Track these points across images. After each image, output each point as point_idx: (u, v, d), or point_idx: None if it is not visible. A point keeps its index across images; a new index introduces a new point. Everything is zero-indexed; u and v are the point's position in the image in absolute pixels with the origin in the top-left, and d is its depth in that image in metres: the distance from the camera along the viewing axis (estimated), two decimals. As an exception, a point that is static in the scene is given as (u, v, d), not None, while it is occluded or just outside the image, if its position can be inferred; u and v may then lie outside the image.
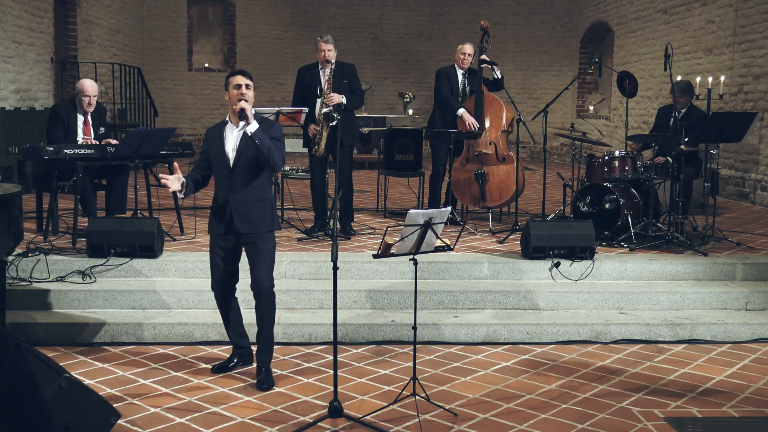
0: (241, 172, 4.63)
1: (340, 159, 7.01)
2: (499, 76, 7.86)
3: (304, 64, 7.57)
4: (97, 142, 6.99)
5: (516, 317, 5.73)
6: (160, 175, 4.63)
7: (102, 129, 7.17)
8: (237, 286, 4.90)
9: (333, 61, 6.97)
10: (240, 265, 4.83)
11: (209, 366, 4.96)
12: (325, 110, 6.78)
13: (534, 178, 12.08)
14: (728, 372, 5.02)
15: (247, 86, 4.63)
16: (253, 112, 4.63)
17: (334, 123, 6.80)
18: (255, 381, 4.70)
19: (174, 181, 4.61)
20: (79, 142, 6.95)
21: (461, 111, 7.73)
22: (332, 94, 6.90)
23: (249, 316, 5.03)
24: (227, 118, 4.74)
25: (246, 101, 4.59)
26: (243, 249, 4.77)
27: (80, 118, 7.07)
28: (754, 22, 9.96)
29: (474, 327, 5.56)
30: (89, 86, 7.01)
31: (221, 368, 4.88)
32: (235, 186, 4.63)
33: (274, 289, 4.84)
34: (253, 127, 4.56)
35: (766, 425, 4.25)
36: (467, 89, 7.97)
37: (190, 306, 5.78)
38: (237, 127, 4.66)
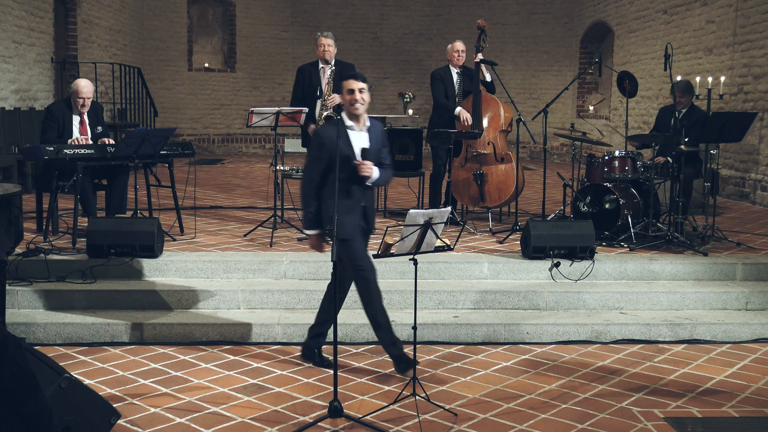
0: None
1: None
2: (488, 80, 7.87)
3: (304, 63, 7.57)
4: (90, 141, 6.98)
5: (516, 317, 5.73)
6: (361, 163, 4.61)
7: (99, 128, 7.16)
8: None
9: (332, 58, 6.98)
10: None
11: (209, 366, 4.96)
12: (327, 113, 6.81)
13: (534, 178, 12.08)
14: (728, 372, 5.02)
15: (360, 90, 4.64)
16: (366, 117, 4.70)
17: None
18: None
19: (372, 169, 4.66)
20: (70, 141, 6.92)
21: (458, 109, 7.73)
22: (333, 95, 6.91)
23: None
24: (345, 120, 4.71)
25: (362, 104, 4.63)
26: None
27: (76, 119, 7.06)
28: (754, 22, 9.96)
29: (474, 327, 5.56)
30: (83, 87, 6.97)
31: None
32: (364, 187, 4.70)
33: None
34: (375, 175, 4.64)
35: (766, 425, 4.25)
36: (463, 88, 7.97)
37: (190, 306, 5.78)
38: (359, 129, 4.70)
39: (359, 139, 4.70)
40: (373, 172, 4.65)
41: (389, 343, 4.79)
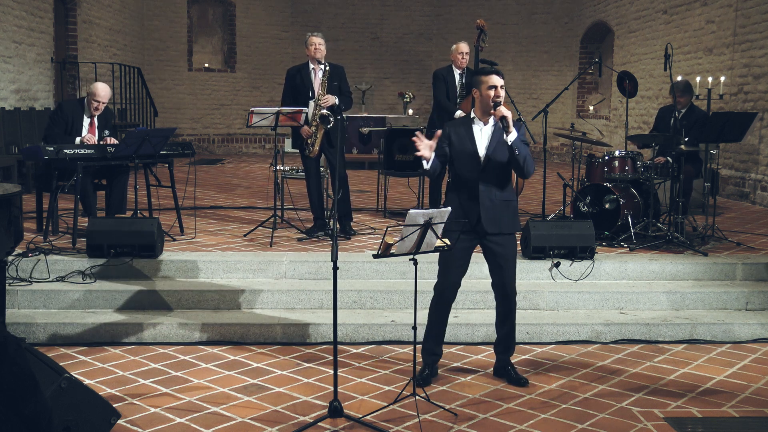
0: (491, 172, 4.57)
1: (340, 160, 7.03)
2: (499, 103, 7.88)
3: (291, 66, 7.54)
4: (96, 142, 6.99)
5: (516, 317, 5.71)
6: (417, 136, 4.34)
7: (107, 132, 7.16)
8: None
9: (323, 58, 6.99)
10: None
11: (209, 366, 4.96)
12: (323, 113, 6.82)
13: (534, 178, 12.05)
14: (728, 372, 5.02)
15: (502, 86, 4.52)
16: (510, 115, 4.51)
17: (330, 125, 6.86)
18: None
19: (426, 148, 4.38)
20: (78, 141, 6.93)
21: (458, 113, 7.73)
22: (327, 95, 6.91)
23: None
24: (471, 113, 4.62)
25: (501, 104, 4.49)
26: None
27: (86, 120, 7.05)
28: (754, 22, 9.96)
29: (474, 327, 5.56)
30: (101, 90, 6.94)
31: (424, 380, 4.67)
32: (483, 186, 4.57)
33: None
34: (513, 135, 4.48)
35: (766, 425, 4.25)
36: (465, 90, 7.96)
37: (190, 306, 5.77)
38: (485, 124, 4.59)
39: (483, 135, 4.58)
40: (513, 132, 4.45)
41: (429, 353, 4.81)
